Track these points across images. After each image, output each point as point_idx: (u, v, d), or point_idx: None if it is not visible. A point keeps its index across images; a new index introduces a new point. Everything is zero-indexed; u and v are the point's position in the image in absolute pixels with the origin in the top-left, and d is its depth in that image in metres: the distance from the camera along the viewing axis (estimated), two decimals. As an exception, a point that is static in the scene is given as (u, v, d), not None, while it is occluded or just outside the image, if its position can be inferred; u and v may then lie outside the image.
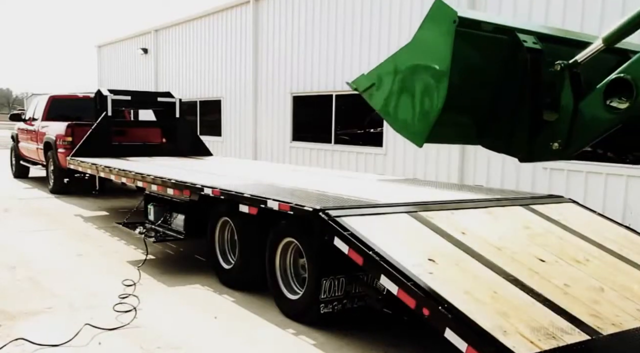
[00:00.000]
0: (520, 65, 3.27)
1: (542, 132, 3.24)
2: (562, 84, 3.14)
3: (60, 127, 12.44)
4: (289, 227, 5.26)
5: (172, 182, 6.89)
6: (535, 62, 3.24)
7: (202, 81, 19.63)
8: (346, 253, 4.26)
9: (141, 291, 5.87)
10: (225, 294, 5.93)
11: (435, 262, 4.04)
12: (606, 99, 2.94)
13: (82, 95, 14.86)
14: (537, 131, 3.28)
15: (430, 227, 4.65)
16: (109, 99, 11.14)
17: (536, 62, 3.24)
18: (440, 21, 3.13)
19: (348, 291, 4.94)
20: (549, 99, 3.23)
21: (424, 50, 3.25)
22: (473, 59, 3.24)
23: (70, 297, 5.72)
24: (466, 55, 3.16)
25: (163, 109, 12.41)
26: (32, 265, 6.90)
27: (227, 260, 6.29)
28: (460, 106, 3.32)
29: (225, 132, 18.45)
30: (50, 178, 13.20)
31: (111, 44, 27.22)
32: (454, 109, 3.24)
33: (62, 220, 9.96)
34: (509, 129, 3.38)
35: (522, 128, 3.32)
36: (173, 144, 12.19)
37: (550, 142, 3.22)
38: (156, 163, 9.80)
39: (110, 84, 26.40)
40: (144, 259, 6.90)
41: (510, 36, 3.29)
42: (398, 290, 3.78)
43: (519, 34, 3.29)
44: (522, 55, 3.25)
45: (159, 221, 7.32)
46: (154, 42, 22.70)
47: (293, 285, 5.31)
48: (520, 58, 3.26)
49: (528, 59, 3.24)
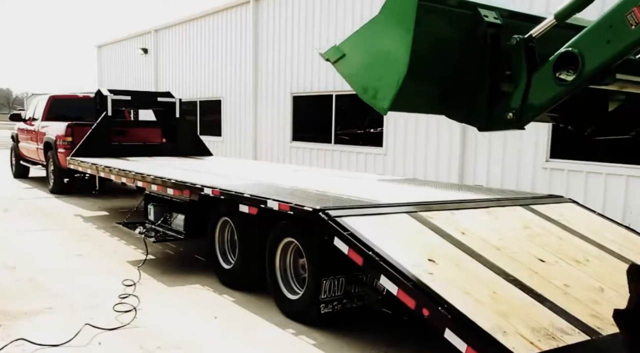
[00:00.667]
0: (481, 39, 3.45)
1: (499, 103, 3.41)
2: (517, 57, 3.30)
3: (60, 127, 12.44)
4: (289, 227, 5.26)
5: (172, 182, 6.89)
6: (494, 36, 3.42)
7: (202, 81, 19.64)
8: (346, 254, 4.26)
9: (141, 291, 5.87)
10: (225, 294, 5.93)
11: (435, 263, 4.04)
12: (555, 71, 3.10)
13: (82, 95, 14.86)
14: (495, 102, 3.45)
15: (430, 227, 4.65)
16: (109, 99, 11.15)
17: (496, 36, 3.42)
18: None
19: (348, 291, 4.94)
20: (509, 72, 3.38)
21: (390, 22, 3.42)
22: (437, 32, 3.39)
23: (70, 297, 5.72)
24: (430, 27, 3.35)
25: (163, 109, 12.41)
26: (32, 265, 6.90)
27: (227, 260, 6.29)
28: (424, 76, 3.48)
29: (225, 132, 18.46)
30: (50, 178, 13.20)
31: (111, 44, 27.22)
32: (418, 79, 3.40)
33: (62, 220, 9.96)
34: (470, 99, 3.55)
35: (481, 99, 3.50)
36: (173, 143, 12.19)
37: (505, 113, 3.39)
38: (156, 163, 9.80)
39: (110, 84, 26.41)
40: (144, 259, 6.91)
41: (473, 11, 3.46)
42: (398, 290, 3.79)
43: (480, 9, 3.47)
44: (483, 29, 3.43)
45: (159, 221, 7.32)
46: (154, 42, 22.71)
47: (293, 285, 5.31)
48: (481, 32, 3.45)
49: (488, 33, 3.43)
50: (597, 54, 2.98)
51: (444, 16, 3.42)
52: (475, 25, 3.47)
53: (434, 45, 3.45)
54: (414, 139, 11.84)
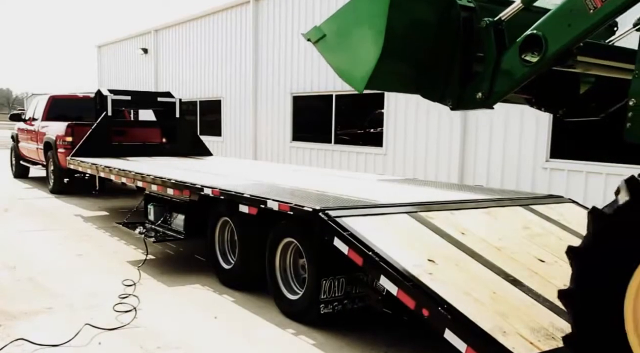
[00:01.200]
0: (455, 21, 3.65)
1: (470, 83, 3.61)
2: (487, 39, 3.48)
3: (60, 127, 12.44)
4: (288, 227, 5.26)
5: (172, 182, 6.89)
6: (467, 19, 3.64)
7: (202, 81, 19.64)
8: (346, 254, 4.26)
9: (141, 291, 5.87)
10: (225, 294, 5.93)
11: (435, 263, 4.04)
12: (521, 53, 3.28)
13: (82, 95, 14.87)
14: (467, 82, 3.63)
15: (430, 228, 4.65)
16: (109, 99, 11.16)
17: (469, 19, 3.64)
18: None
19: (348, 291, 4.94)
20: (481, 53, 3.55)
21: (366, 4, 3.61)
22: (411, 14, 3.63)
23: (70, 297, 5.72)
24: (405, 10, 3.56)
25: (163, 109, 12.42)
26: (32, 265, 6.90)
27: (227, 260, 6.29)
28: (399, 57, 3.72)
29: (225, 132, 18.46)
30: (50, 178, 13.21)
31: (111, 44, 27.23)
32: (393, 59, 3.64)
33: (62, 220, 9.96)
34: (444, 79, 3.76)
35: (454, 79, 3.71)
36: (173, 143, 12.20)
37: (475, 93, 3.60)
38: (156, 163, 9.81)
39: (110, 84, 26.42)
40: (144, 259, 6.91)
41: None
42: (398, 290, 3.79)
43: None
44: (456, 11, 3.63)
45: (159, 221, 7.32)
46: (154, 42, 22.71)
47: (293, 285, 5.31)
48: (454, 14, 3.64)
49: (461, 15, 3.63)
50: (559, 36, 3.15)
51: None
52: (449, 8, 3.65)
53: (408, 27, 3.63)
54: (413, 139, 11.85)
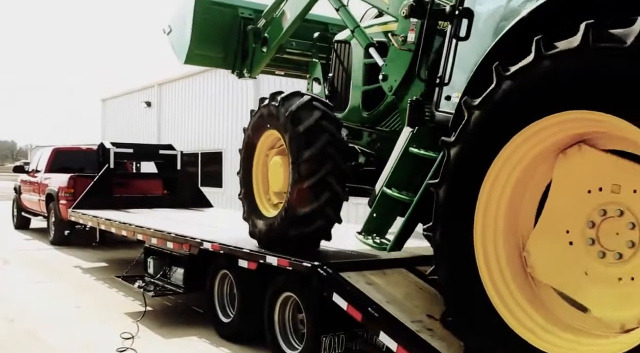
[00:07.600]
0: (239, 26, 6.76)
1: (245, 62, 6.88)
2: (250, 37, 6.69)
3: (63, 178, 12.55)
4: (287, 281, 5.25)
5: (172, 235, 6.91)
6: (245, 24, 6.72)
7: (204, 134, 19.86)
8: (345, 309, 4.26)
9: (139, 344, 5.82)
10: (223, 347, 5.88)
11: (435, 319, 4.04)
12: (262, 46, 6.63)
13: (86, 148, 15.06)
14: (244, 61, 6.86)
15: (428, 282, 4.65)
16: (112, 152, 11.28)
17: (246, 24, 6.72)
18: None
19: (349, 348, 4.88)
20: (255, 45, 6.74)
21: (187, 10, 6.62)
22: (214, 19, 6.65)
23: (68, 349, 5.68)
24: (206, 15, 6.57)
25: (164, 161, 12.54)
26: (30, 318, 6.86)
27: (226, 314, 6.25)
28: (208, 43, 6.74)
29: (226, 184, 18.55)
30: (51, 230, 13.24)
31: (115, 97, 27.66)
32: (202, 46, 6.71)
33: (62, 272, 9.93)
34: (234, 59, 6.90)
35: (238, 59, 6.89)
36: (174, 195, 12.22)
37: (244, 68, 6.89)
38: (157, 215, 9.85)
39: (113, 136, 26.66)
40: (142, 312, 6.85)
41: (234, 9, 6.73)
42: (397, 347, 3.78)
43: (239, 7, 6.74)
44: (239, 19, 6.76)
45: (159, 275, 7.29)
46: (157, 95, 23.08)
47: (292, 341, 5.26)
48: (238, 21, 6.76)
49: (242, 22, 6.74)
50: (276, 36, 6.40)
51: (215, 9, 6.60)
52: (234, 16, 6.73)
53: (210, 25, 6.62)
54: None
